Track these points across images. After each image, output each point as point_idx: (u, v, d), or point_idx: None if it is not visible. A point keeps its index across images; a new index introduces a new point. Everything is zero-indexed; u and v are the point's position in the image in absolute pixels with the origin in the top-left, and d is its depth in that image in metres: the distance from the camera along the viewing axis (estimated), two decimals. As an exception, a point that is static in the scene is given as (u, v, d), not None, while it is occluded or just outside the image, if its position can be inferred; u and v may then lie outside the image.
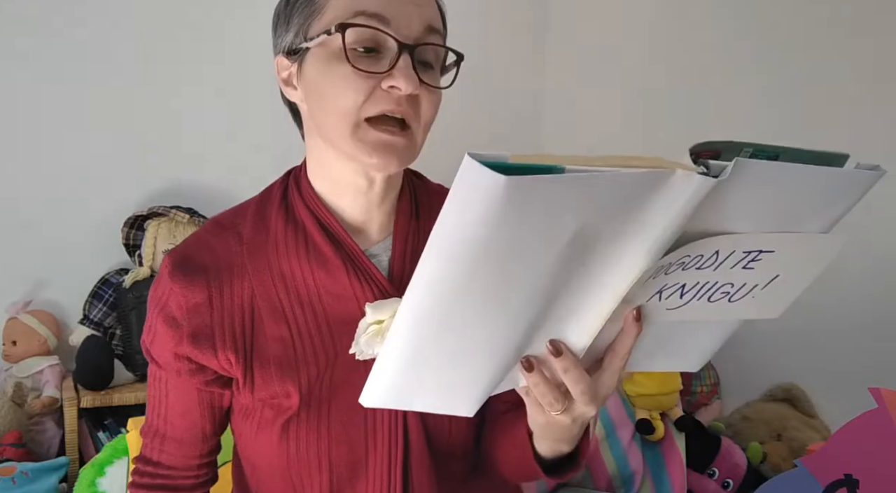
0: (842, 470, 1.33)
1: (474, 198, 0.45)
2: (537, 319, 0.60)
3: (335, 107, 0.76)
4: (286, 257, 0.82)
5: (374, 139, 0.76)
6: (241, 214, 0.87)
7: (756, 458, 1.90)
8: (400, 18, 0.74)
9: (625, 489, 1.82)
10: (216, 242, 0.84)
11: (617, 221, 0.53)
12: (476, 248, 0.49)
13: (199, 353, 0.81)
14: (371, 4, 0.74)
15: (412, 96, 0.75)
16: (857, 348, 1.93)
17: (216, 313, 0.81)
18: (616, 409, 1.83)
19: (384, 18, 0.74)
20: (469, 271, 0.51)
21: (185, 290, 0.81)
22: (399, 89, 0.74)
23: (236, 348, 0.81)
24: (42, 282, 2.12)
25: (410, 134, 0.78)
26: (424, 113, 0.78)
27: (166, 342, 0.83)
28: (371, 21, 0.74)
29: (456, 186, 0.45)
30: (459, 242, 0.49)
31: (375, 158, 0.76)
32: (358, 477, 0.83)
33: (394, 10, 0.74)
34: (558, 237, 0.51)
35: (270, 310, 0.82)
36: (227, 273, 0.82)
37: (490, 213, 0.46)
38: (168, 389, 0.86)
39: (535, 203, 0.46)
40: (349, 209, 0.84)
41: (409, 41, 0.74)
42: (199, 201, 2.19)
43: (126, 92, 2.16)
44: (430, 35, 0.77)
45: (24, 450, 1.83)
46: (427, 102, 0.77)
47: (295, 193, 0.85)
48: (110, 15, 2.13)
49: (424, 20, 0.76)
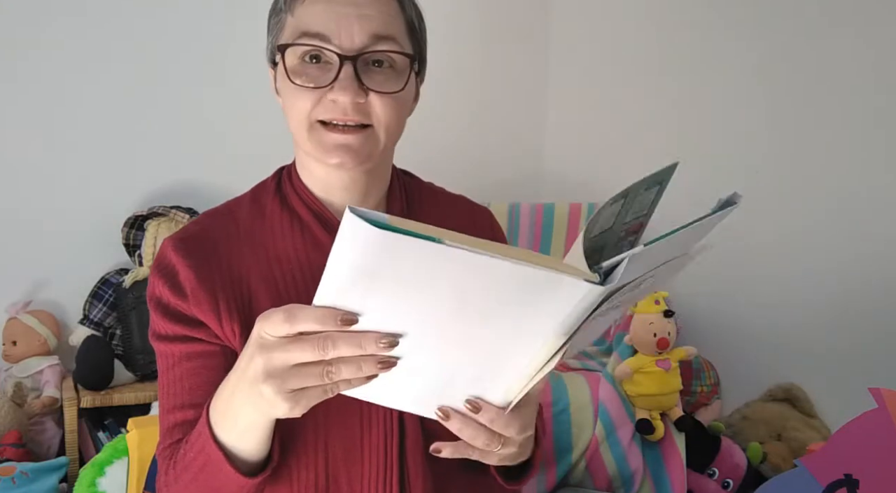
0: (842, 470, 1.32)
1: (353, 244, 0.52)
2: (451, 369, 0.63)
3: (291, 115, 0.83)
4: (282, 240, 0.86)
5: (331, 141, 0.81)
6: (237, 203, 0.92)
7: (756, 458, 1.90)
8: (341, 32, 0.79)
9: (625, 489, 1.82)
10: (214, 226, 0.88)
11: (513, 305, 0.57)
12: (356, 281, 0.55)
13: (205, 318, 0.82)
14: (312, 24, 0.79)
15: (358, 104, 0.79)
16: (857, 348, 1.93)
17: (218, 285, 0.83)
18: (616, 409, 1.83)
19: (324, 36, 0.79)
20: (358, 295, 0.56)
21: (188, 262, 0.83)
22: (339, 100, 0.79)
23: (240, 320, 0.83)
24: (42, 282, 2.12)
25: (370, 132, 0.82)
26: (380, 115, 0.81)
27: (175, 313, 0.83)
28: (313, 40, 0.79)
29: (340, 231, 0.51)
30: (345, 275, 0.55)
31: (333, 158, 0.81)
32: (353, 461, 0.83)
33: (334, 25, 0.79)
34: (437, 296, 0.55)
35: (267, 289, 0.84)
36: (225, 254, 0.85)
37: (365, 257, 0.53)
38: (182, 371, 0.85)
39: (406, 260, 0.52)
40: (338, 201, 0.89)
41: (351, 53, 0.79)
42: (199, 201, 2.19)
43: (126, 92, 2.16)
44: (376, 43, 0.80)
45: (24, 450, 1.84)
46: (380, 105, 0.81)
47: (288, 187, 0.90)
48: (110, 15, 2.13)
49: (368, 31, 0.79)
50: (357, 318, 0.57)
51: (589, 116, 2.69)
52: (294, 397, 0.61)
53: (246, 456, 0.73)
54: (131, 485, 1.58)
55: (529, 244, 2.44)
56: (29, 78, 2.07)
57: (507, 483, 0.86)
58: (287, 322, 0.59)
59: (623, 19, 2.54)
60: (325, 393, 0.62)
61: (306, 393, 0.62)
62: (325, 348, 0.58)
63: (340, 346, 0.58)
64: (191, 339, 0.83)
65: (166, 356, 0.86)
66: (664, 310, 1.86)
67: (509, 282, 0.54)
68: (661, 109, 2.41)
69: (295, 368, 0.60)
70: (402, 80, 0.82)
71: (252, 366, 0.63)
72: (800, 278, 2.04)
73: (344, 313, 0.57)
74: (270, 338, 0.61)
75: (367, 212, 0.50)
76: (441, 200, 0.99)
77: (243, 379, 0.65)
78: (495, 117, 2.74)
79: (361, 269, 0.54)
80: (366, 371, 0.59)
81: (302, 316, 0.58)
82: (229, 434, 0.72)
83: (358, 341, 0.58)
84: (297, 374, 0.60)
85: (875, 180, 1.88)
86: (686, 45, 2.32)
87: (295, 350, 0.59)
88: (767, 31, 2.09)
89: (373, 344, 0.58)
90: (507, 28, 2.74)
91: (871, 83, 1.88)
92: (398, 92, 0.81)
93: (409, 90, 0.84)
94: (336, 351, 0.58)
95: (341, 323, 0.57)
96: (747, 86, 2.14)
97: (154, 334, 0.87)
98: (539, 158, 2.83)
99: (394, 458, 0.84)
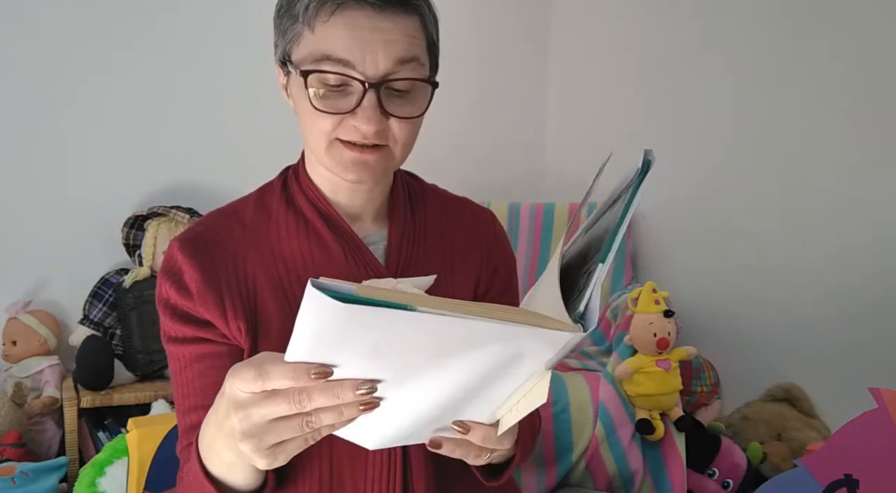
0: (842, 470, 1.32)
1: (318, 318, 0.51)
2: (434, 407, 0.63)
3: (310, 133, 0.82)
4: (287, 240, 0.87)
5: (349, 158, 0.81)
6: (243, 203, 0.92)
7: (756, 458, 1.90)
8: (366, 59, 0.77)
9: (625, 489, 1.82)
10: (220, 226, 0.89)
11: (494, 357, 0.57)
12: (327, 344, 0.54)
13: (212, 317, 0.83)
14: (336, 49, 0.77)
15: (379, 130, 0.79)
16: (857, 348, 1.93)
17: (224, 285, 0.84)
18: (616, 409, 1.82)
19: (348, 62, 0.77)
20: (331, 351, 0.55)
21: (193, 262, 0.84)
22: (361, 129, 0.78)
23: (246, 318, 0.83)
24: (42, 282, 2.12)
25: (386, 150, 0.82)
26: (399, 137, 0.81)
27: (182, 314, 0.84)
28: (336, 67, 0.77)
29: (303, 303, 0.50)
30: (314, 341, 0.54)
31: (351, 175, 0.82)
32: (357, 461, 0.84)
33: (359, 51, 0.76)
34: (414, 353, 0.55)
35: (272, 289, 0.85)
36: (231, 254, 0.86)
37: (331, 329, 0.52)
38: (193, 373, 0.85)
39: (377, 326, 0.52)
40: (344, 201, 0.90)
41: (375, 79, 0.77)
42: (199, 201, 2.19)
43: (126, 92, 2.17)
44: (400, 67, 0.78)
45: (24, 450, 1.84)
46: (399, 129, 0.81)
47: (294, 185, 0.91)
48: (111, 16, 2.13)
49: (392, 55, 0.77)
50: (332, 370, 0.56)
51: (589, 115, 2.69)
52: (272, 453, 0.61)
53: (237, 486, 0.73)
54: (131, 485, 1.58)
55: (529, 244, 2.44)
56: (28, 78, 2.07)
57: (486, 480, 0.86)
58: (259, 380, 0.57)
59: (623, 19, 2.54)
60: (306, 442, 0.61)
61: (285, 447, 0.61)
62: (301, 401, 0.57)
63: (316, 398, 0.57)
64: (200, 340, 0.84)
65: (178, 359, 0.86)
66: (664, 310, 1.86)
67: (488, 338, 0.54)
68: (661, 109, 2.41)
69: (272, 423, 0.59)
70: (423, 105, 0.82)
71: (228, 423, 0.62)
72: (800, 278, 2.04)
73: (317, 366, 0.56)
74: (244, 394, 0.59)
75: (331, 284, 0.49)
76: (444, 202, 0.99)
77: (222, 429, 0.64)
78: (495, 117, 2.74)
79: (329, 335, 0.53)
80: (347, 416, 0.58)
81: (274, 374, 0.57)
82: (216, 468, 0.72)
83: (334, 390, 0.56)
84: (275, 429, 0.59)
85: (878, 180, 1.88)
86: (686, 45, 2.32)
87: (270, 406, 0.58)
88: (769, 31, 2.09)
89: (350, 392, 0.56)
90: (507, 28, 2.74)
91: (876, 80, 1.88)
92: (419, 117, 0.82)
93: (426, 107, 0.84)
94: (312, 403, 0.57)
95: (315, 377, 0.56)
96: (748, 85, 2.14)
97: (165, 337, 0.87)
98: (539, 158, 2.84)
99: (397, 458, 0.84)
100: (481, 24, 2.68)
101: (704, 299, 2.27)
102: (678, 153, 2.35)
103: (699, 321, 2.25)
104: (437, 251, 0.93)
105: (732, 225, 2.21)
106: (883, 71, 1.85)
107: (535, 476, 1.81)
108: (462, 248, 0.95)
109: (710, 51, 2.25)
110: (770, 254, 2.11)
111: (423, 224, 0.94)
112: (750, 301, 2.16)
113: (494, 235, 1.01)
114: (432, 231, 0.94)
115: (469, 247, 0.96)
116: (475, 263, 0.96)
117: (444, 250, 0.94)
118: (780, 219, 2.08)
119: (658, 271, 2.43)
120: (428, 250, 0.92)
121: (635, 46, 2.49)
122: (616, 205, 0.64)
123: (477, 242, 0.97)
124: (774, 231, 2.10)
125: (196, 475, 0.74)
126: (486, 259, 0.97)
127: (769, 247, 2.11)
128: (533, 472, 1.81)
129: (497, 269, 0.98)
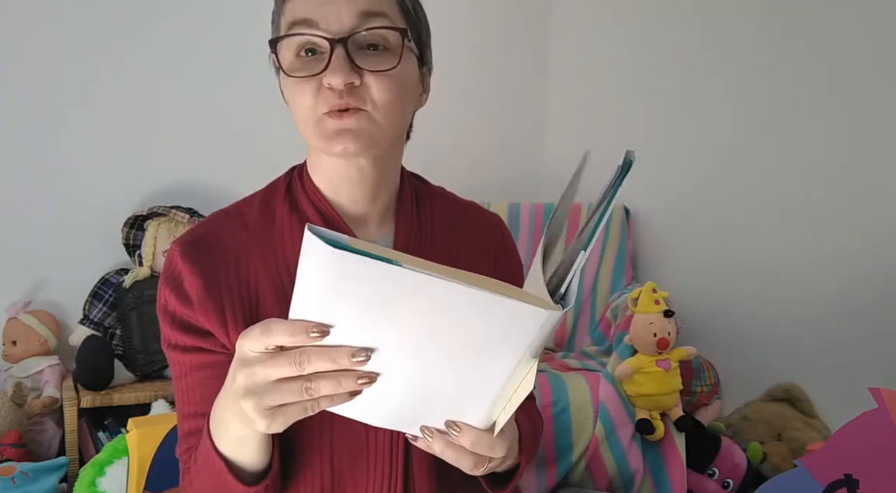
0: (842, 470, 1.33)
1: (312, 263, 0.54)
2: (428, 386, 0.63)
3: (297, 113, 0.81)
4: (291, 245, 0.85)
5: (331, 127, 0.79)
6: (247, 204, 0.90)
7: (756, 458, 1.90)
8: (329, 16, 0.77)
9: (625, 489, 1.82)
10: (223, 229, 0.87)
11: (478, 330, 0.58)
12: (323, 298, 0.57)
13: (212, 326, 0.82)
14: (298, 11, 0.78)
15: (353, 87, 0.77)
16: (857, 348, 1.93)
17: (225, 292, 0.83)
18: (616, 409, 1.83)
19: (311, 21, 0.77)
20: (328, 310, 0.58)
21: (195, 269, 0.82)
22: (333, 84, 0.76)
23: (246, 327, 0.82)
24: (42, 282, 2.12)
25: (365, 115, 0.79)
26: (376, 96, 0.79)
27: (182, 322, 0.83)
28: (300, 28, 0.77)
29: (302, 249, 0.54)
30: (311, 291, 0.57)
31: (337, 146, 0.79)
32: (359, 468, 0.83)
33: (320, 10, 0.77)
34: (403, 317, 0.57)
35: (274, 294, 0.83)
36: (233, 258, 0.84)
37: (324, 276, 0.55)
38: (193, 381, 0.85)
39: (366, 281, 0.54)
40: (347, 202, 0.87)
41: (341, 35, 0.77)
42: (199, 201, 2.19)
43: (127, 92, 2.17)
44: (366, 20, 0.78)
45: (24, 450, 1.84)
46: (376, 86, 0.78)
47: (298, 187, 0.89)
48: (111, 16, 2.13)
49: (356, 9, 0.77)
50: (328, 329, 0.58)
51: (589, 116, 2.69)
52: (271, 415, 0.62)
53: (245, 465, 0.73)
54: (131, 485, 1.58)
55: (529, 244, 2.44)
56: (29, 78, 2.07)
57: (491, 489, 0.84)
58: (263, 336, 0.59)
59: (623, 20, 2.54)
60: (305, 410, 0.62)
61: (284, 410, 0.62)
62: (301, 363, 0.59)
63: (314, 361, 0.58)
64: (200, 349, 0.83)
65: (178, 365, 0.85)
66: (664, 310, 1.86)
67: (472, 309, 0.56)
68: (661, 109, 2.41)
69: (274, 384, 0.60)
70: (397, 58, 0.79)
71: (235, 381, 0.63)
72: (800, 278, 2.04)
73: (315, 324, 0.58)
74: (251, 353, 0.61)
75: (325, 232, 0.52)
76: (451, 206, 0.98)
77: (230, 393, 0.65)
78: (495, 117, 2.74)
79: (325, 286, 0.55)
80: (345, 387, 0.60)
81: (276, 329, 0.59)
82: (225, 445, 0.72)
83: (331, 355, 0.58)
84: (276, 390, 0.60)
85: (877, 179, 1.88)
86: (686, 44, 2.32)
87: (272, 365, 0.60)
88: (769, 31, 2.09)
89: (345, 358, 0.58)
90: (507, 28, 2.74)
91: (872, 79, 1.88)
92: (393, 69, 0.79)
93: (407, 69, 0.81)
94: (311, 366, 0.59)
95: (313, 334, 0.57)
96: (748, 85, 2.14)
97: (165, 343, 0.86)
98: (539, 158, 2.84)
99: (399, 465, 0.84)
100: (481, 25, 2.68)
101: (704, 299, 2.27)
102: (678, 153, 2.35)
103: (699, 321, 2.25)
104: (443, 255, 0.91)
105: (732, 225, 2.21)
106: (883, 71, 1.85)
107: (535, 476, 1.81)
108: (469, 253, 0.94)
109: (710, 51, 2.25)
110: (770, 254, 2.11)
111: (429, 228, 0.92)
112: (750, 301, 2.16)
113: (502, 241, 0.99)
114: (439, 235, 0.93)
115: (476, 252, 0.95)
116: (481, 268, 0.93)
117: (450, 254, 0.92)
118: (780, 219, 2.08)
119: (658, 271, 2.43)
120: (434, 254, 0.91)
121: (635, 47, 2.49)
122: (601, 204, 0.65)
123: (484, 248, 0.96)
124: (774, 231, 2.10)
125: (207, 455, 0.74)
126: (493, 265, 0.95)
127: (769, 247, 2.11)
128: (533, 472, 1.81)
129: (504, 277, 0.97)
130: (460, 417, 0.66)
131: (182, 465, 0.86)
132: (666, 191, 2.39)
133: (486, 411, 0.66)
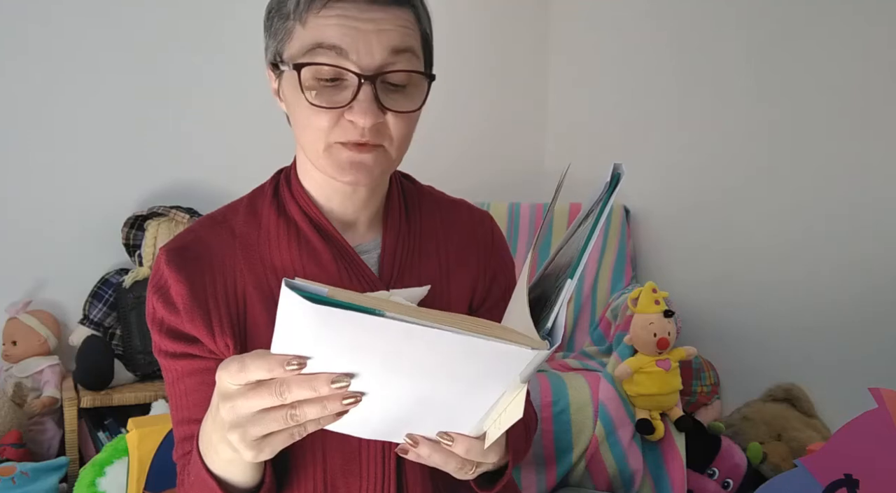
0: (842, 470, 1.32)
1: (292, 317, 0.54)
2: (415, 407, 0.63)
3: (305, 133, 0.79)
4: (278, 250, 0.85)
5: (346, 158, 0.78)
6: (233, 209, 0.90)
7: (756, 458, 1.90)
8: (360, 48, 0.74)
9: (625, 489, 1.82)
10: (209, 235, 0.86)
11: (464, 368, 0.58)
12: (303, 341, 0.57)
13: (199, 333, 0.82)
14: (329, 36, 0.75)
15: (376, 124, 0.77)
16: (858, 349, 1.93)
17: (212, 300, 0.82)
18: (616, 409, 1.82)
19: (342, 50, 0.74)
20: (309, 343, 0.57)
21: (181, 276, 0.82)
22: (358, 123, 0.76)
23: (233, 334, 0.82)
24: (42, 282, 2.12)
25: (382, 151, 0.79)
26: (395, 133, 0.79)
27: (170, 330, 0.83)
28: (329, 54, 0.75)
29: (280, 302, 0.53)
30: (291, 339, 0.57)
31: (348, 176, 0.79)
32: (351, 470, 0.83)
33: (352, 40, 0.74)
34: (387, 358, 0.57)
35: (262, 300, 0.83)
36: (219, 264, 0.84)
37: (305, 328, 0.55)
38: (185, 387, 0.86)
39: (348, 329, 0.54)
40: (337, 208, 0.87)
41: (369, 71, 0.75)
42: (199, 201, 2.19)
43: (126, 92, 2.17)
44: (395, 57, 0.76)
45: (24, 450, 1.84)
46: (395, 124, 0.78)
47: (286, 191, 0.88)
48: (111, 16, 2.14)
49: (386, 45, 0.75)
50: (305, 361, 0.58)
51: (589, 116, 2.69)
52: (258, 445, 0.62)
53: (237, 483, 0.74)
54: (131, 485, 1.58)
55: (529, 244, 2.44)
56: (29, 78, 2.07)
57: (480, 489, 0.84)
58: (241, 372, 0.59)
59: (623, 19, 2.54)
60: (293, 436, 0.62)
61: (270, 440, 0.62)
62: (282, 393, 0.59)
63: (294, 390, 0.59)
64: (189, 356, 0.83)
65: (169, 371, 0.86)
66: (664, 310, 1.86)
67: (457, 350, 0.56)
68: (661, 109, 2.41)
69: (258, 415, 0.61)
70: (420, 99, 0.79)
71: (219, 414, 0.63)
72: (800, 278, 2.04)
73: (292, 357, 0.58)
74: (232, 387, 0.61)
75: (303, 285, 0.52)
76: (440, 205, 0.97)
77: (216, 422, 0.66)
78: (495, 118, 2.74)
79: (304, 336, 0.55)
80: (331, 410, 0.60)
81: (252, 366, 0.59)
82: (216, 465, 0.72)
83: (311, 383, 0.58)
84: (261, 421, 0.61)
85: (878, 181, 1.88)
86: (686, 44, 2.32)
87: (254, 397, 0.60)
88: (770, 31, 2.09)
89: (325, 386, 0.58)
90: (507, 28, 2.74)
91: (874, 81, 1.88)
92: (416, 111, 0.79)
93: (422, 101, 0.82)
94: (292, 395, 0.59)
95: (290, 367, 0.58)
96: (749, 85, 2.14)
97: (156, 349, 0.86)
98: (539, 159, 2.84)
99: (391, 470, 0.84)
100: (481, 25, 2.68)
101: (704, 299, 2.27)
102: (679, 153, 2.35)
103: (699, 321, 2.25)
104: (433, 258, 0.91)
105: (732, 225, 2.21)
106: (884, 72, 1.85)
107: (535, 476, 1.81)
108: (458, 253, 0.93)
109: (710, 51, 2.25)
110: (770, 254, 2.11)
111: (418, 230, 0.92)
112: (750, 301, 2.16)
113: (493, 239, 0.98)
114: (427, 237, 0.92)
115: (466, 252, 0.94)
116: (472, 269, 0.94)
117: (439, 256, 0.92)
118: (780, 219, 2.08)
119: (658, 271, 2.43)
120: (423, 258, 0.90)
121: (635, 47, 2.49)
122: (588, 219, 0.64)
123: (474, 247, 0.95)
124: (774, 231, 2.10)
125: (199, 473, 0.74)
126: (483, 265, 0.95)
127: (769, 247, 2.11)
128: (533, 472, 1.81)
129: (496, 276, 0.96)
130: (451, 428, 0.67)
131: (178, 469, 0.86)
132: (666, 191, 2.39)
133: (475, 425, 0.66)
